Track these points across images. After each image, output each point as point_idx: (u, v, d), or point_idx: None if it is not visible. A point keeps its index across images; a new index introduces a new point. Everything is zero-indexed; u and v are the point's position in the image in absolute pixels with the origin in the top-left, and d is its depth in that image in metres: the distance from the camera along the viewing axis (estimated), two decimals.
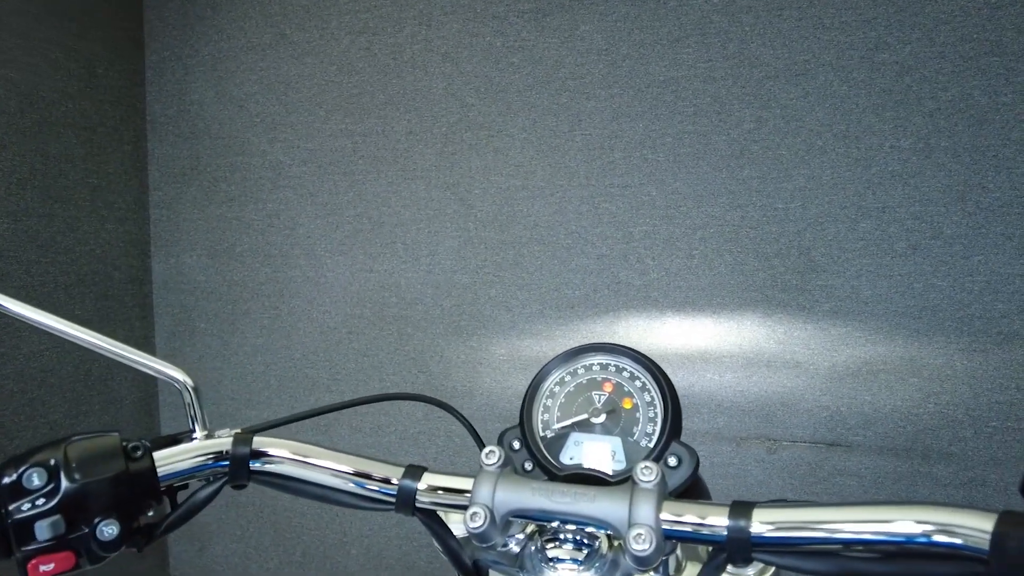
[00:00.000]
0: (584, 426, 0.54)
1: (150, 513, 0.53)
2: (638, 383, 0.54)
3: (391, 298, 1.71)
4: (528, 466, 0.53)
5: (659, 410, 0.53)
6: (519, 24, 1.58)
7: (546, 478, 0.52)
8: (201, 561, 1.98)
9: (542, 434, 0.55)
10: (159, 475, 0.54)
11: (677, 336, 1.48)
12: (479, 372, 1.64)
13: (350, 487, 0.54)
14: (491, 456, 0.49)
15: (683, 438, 0.51)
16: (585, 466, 0.52)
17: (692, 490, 0.51)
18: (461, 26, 1.63)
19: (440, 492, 0.51)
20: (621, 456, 0.52)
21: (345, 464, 0.54)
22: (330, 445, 0.57)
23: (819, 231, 1.38)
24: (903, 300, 1.34)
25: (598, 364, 0.56)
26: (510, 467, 0.50)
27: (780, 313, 1.41)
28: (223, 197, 1.86)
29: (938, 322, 1.32)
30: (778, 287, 1.41)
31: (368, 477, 0.53)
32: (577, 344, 0.57)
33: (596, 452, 0.53)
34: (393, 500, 0.52)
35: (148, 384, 1.94)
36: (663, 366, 0.55)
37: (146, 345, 1.95)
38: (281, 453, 0.56)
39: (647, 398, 0.53)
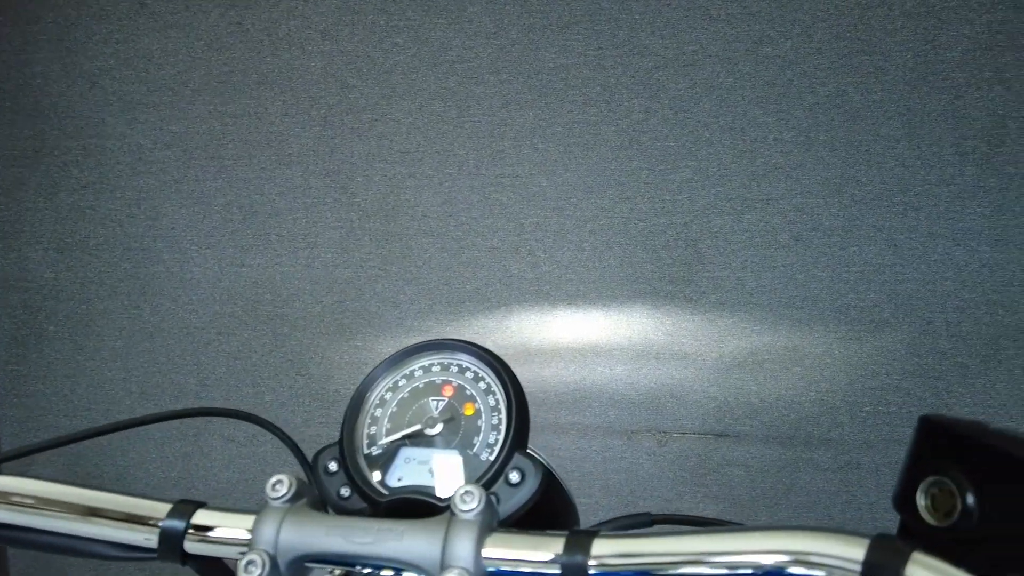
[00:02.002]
0: (418, 439, 0.46)
1: None
2: (482, 385, 0.47)
3: (265, 295, 1.59)
4: (345, 492, 0.45)
5: (503, 416, 0.46)
6: (404, 2, 1.50)
7: (365, 506, 0.44)
8: None
9: (367, 451, 0.47)
10: None
11: (568, 330, 1.45)
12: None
13: (102, 532, 0.43)
14: (278, 487, 0.40)
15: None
16: (419, 485, 0.44)
17: (544, 509, 0.44)
18: (341, 2, 1.53)
19: (215, 534, 0.42)
20: (460, 473, 0.45)
21: (92, 503, 0.43)
22: (79, 480, 0.45)
23: (706, 223, 1.39)
24: (786, 291, 1.36)
25: (438, 364, 0.49)
26: (305, 500, 0.41)
27: (668, 305, 1.41)
28: (74, 184, 1.67)
29: (818, 312, 1.35)
30: (666, 279, 1.41)
31: (124, 519, 0.43)
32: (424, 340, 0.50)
33: (430, 470, 0.45)
34: (155, 546, 0.42)
35: None
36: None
37: None
38: None
39: (491, 402, 0.47)
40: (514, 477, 0.43)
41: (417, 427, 0.47)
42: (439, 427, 0.47)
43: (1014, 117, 1.31)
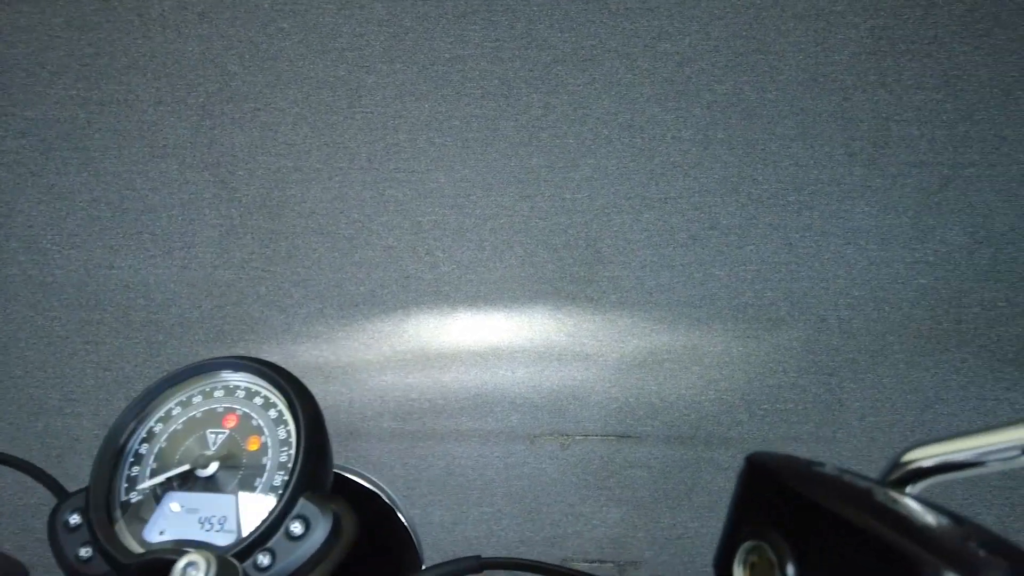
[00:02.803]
0: (188, 482, 0.38)
1: None
2: (272, 413, 0.39)
3: (138, 300, 1.46)
4: (85, 553, 0.36)
5: (294, 451, 0.38)
6: None
7: (108, 571, 0.36)
8: None
9: (124, 498, 0.38)
10: None
11: (469, 332, 1.40)
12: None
13: None
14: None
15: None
16: (185, 540, 0.36)
17: (368, 553, 0.38)
18: None
19: None
20: (235, 524, 0.36)
21: None
22: None
23: (605, 222, 1.37)
24: (684, 290, 1.36)
25: (221, 388, 0.41)
26: None
27: (570, 305, 1.38)
28: None
29: (716, 310, 1.35)
30: (567, 279, 1.38)
31: None
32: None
33: (200, 520, 0.37)
34: None
35: None
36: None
37: None
38: None
39: (282, 434, 0.39)
40: (296, 528, 0.35)
41: (186, 467, 0.38)
42: (214, 467, 0.38)
43: (896, 120, 1.35)
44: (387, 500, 0.46)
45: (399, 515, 0.46)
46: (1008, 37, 1.37)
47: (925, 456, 0.27)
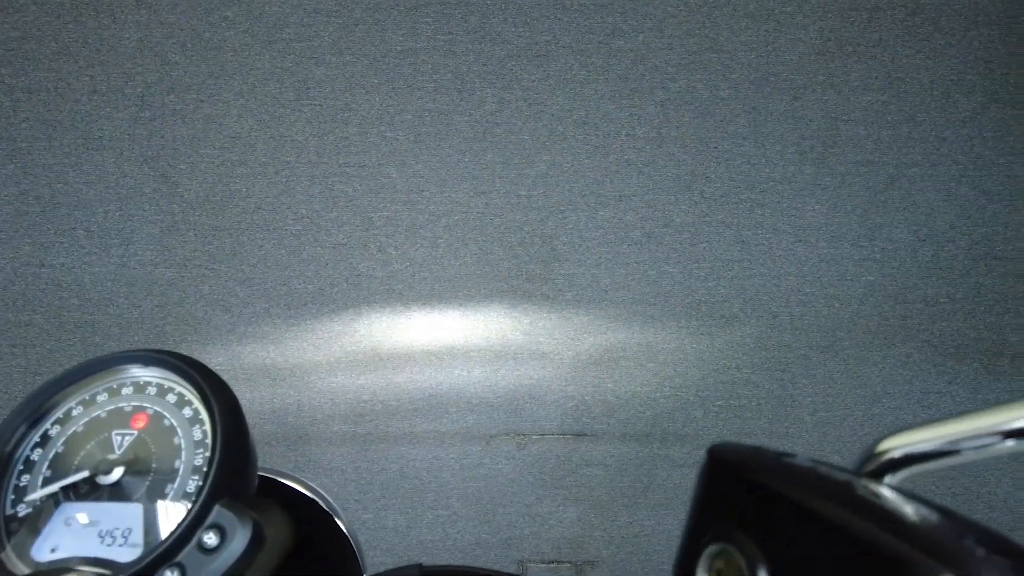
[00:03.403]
0: (88, 490, 0.34)
1: None
2: (187, 412, 0.35)
3: (72, 300, 1.38)
4: None
5: (210, 453, 0.34)
6: None
7: None
8: None
9: (10, 511, 0.34)
10: None
11: (423, 332, 1.37)
12: None
13: None
14: None
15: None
16: (80, 558, 0.32)
17: (306, 560, 0.35)
18: None
19: None
20: (140, 536, 0.32)
21: None
22: None
23: (561, 219, 1.36)
24: (639, 287, 1.36)
25: (130, 385, 0.36)
26: None
27: (526, 303, 1.36)
28: None
29: (670, 308, 1.36)
30: (523, 277, 1.36)
31: None
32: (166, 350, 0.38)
33: (100, 534, 0.33)
34: None
35: None
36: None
37: None
38: None
39: (197, 435, 0.34)
40: (210, 539, 0.31)
41: (85, 474, 0.33)
42: (118, 472, 0.34)
43: (844, 120, 1.38)
44: (325, 507, 0.43)
45: (338, 522, 0.43)
46: (947, 42, 1.41)
47: (902, 445, 0.25)
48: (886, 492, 0.23)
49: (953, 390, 1.36)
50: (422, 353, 1.38)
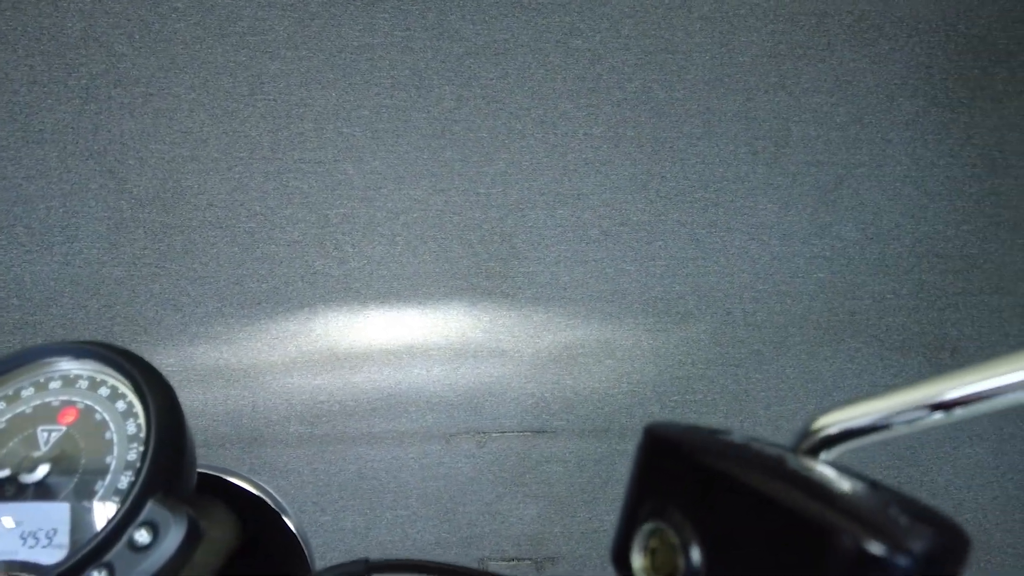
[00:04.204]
0: (10, 490, 0.32)
1: None
2: (120, 405, 0.34)
3: (11, 300, 1.32)
4: None
5: (144, 447, 0.32)
6: None
7: None
8: None
9: None
10: None
11: (381, 330, 1.36)
12: None
13: None
14: None
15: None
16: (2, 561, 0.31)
17: (252, 557, 0.34)
18: None
19: None
20: (66, 536, 0.31)
21: None
22: None
23: (520, 217, 1.36)
24: (597, 285, 1.37)
25: (58, 378, 0.35)
26: None
27: (485, 301, 1.36)
28: None
29: (627, 305, 1.37)
30: (482, 274, 1.36)
31: None
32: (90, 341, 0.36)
33: (23, 535, 0.32)
34: None
35: None
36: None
37: None
38: None
39: (131, 429, 0.33)
40: (141, 537, 0.29)
41: (6, 472, 0.32)
42: (42, 470, 0.32)
43: (795, 121, 1.41)
44: (273, 505, 0.42)
45: (287, 521, 0.42)
46: (891, 47, 1.46)
47: (836, 421, 0.25)
48: (817, 466, 0.23)
49: (899, 383, 1.41)
50: (380, 352, 1.36)
